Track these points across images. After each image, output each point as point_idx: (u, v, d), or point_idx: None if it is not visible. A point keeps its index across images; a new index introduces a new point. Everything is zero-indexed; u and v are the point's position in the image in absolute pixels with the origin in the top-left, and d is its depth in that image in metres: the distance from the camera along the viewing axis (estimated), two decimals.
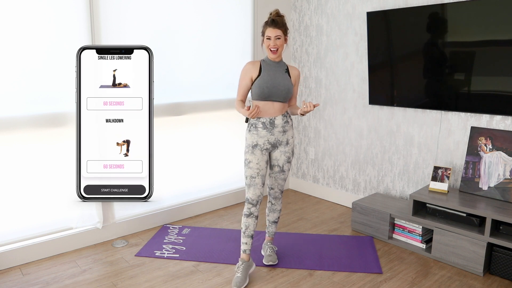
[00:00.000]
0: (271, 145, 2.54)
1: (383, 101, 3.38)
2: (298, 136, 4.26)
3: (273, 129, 2.51)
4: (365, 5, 3.45)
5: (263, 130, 2.51)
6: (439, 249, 2.76)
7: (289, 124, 2.57)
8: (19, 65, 2.61)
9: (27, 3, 2.57)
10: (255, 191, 2.50)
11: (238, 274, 2.51)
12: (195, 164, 3.62)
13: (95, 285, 2.50)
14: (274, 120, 2.51)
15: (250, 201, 2.52)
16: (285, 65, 2.56)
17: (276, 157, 2.60)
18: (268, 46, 2.46)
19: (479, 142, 2.83)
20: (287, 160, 2.61)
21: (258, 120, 2.52)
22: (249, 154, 2.52)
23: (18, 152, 2.69)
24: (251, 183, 2.51)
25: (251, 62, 2.53)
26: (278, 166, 2.61)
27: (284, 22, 2.46)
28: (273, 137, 2.53)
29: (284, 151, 2.59)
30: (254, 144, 2.52)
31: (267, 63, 2.51)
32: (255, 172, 2.50)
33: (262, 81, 2.46)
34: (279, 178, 2.65)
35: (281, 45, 2.46)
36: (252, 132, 2.53)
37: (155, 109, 3.28)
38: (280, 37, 2.43)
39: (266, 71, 2.49)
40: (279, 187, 2.69)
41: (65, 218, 2.95)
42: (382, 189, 3.55)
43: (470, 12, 2.74)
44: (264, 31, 2.46)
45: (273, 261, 2.73)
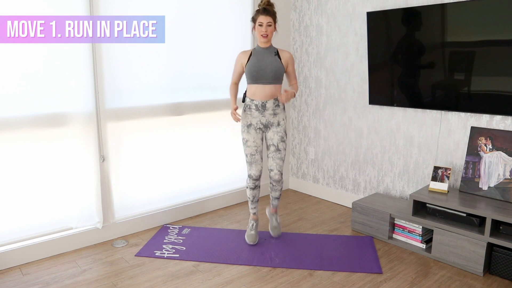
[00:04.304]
0: (263, 125, 2.86)
1: (383, 101, 3.37)
2: (298, 136, 4.26)
3: (264, 111, 2.82)
4: (365, 5, 3.45)
5: (255, 111, 2.83)
6: (439, 249, 2.76)
7: (279, 107, 2.86)
8: (19, 65, 2.61)
9: (27, 3, 2.57)
10: (256, 167, 2.87)
11: (252, 232, 3.03)
12: (195, 164, 3.61)
13: (95, 285, 2.50)
14: (266, 104, 2.81)
15: (254, 177, 2.89)
16: (275, 49, 2.84)
17: (270, 137, 2.89)
18: (259, 32, 2.74)
19: (479, 142, 2.83)
20: (280, 139, 2.87)
21: (252, 102, 2.84)
22: (245, 133, 2.87)
23: (18, 152, 2.69)
24: (252, 160, 2.87)
25: (243, 51, 2.89)
26: (273, 145, 2.88)
27: (274, 11, 2.76)
28: (264, 118, 2.84)
29: (277, 131, 2.87)
30: (249, 124, 2.86)
31: (257, 50, 2.83)
32: (253, 149, 2.86)
33: (250, 65, 2.79)
34: (276, 157, 2.88)
35: (271, 32, 2.77)
36: (246, 112, 2.87)
37: (156, 109, 3.28)
38: (271, 24, 2.74)
39: (255, 57, 2.80)
40: (277, 167, 2.90)
41: (65, 218, 2.95)
42: (382, 189, 3.55)
43: (470, 12, 2.74)
44: (256, 18, 2.74)
45: (279, 233, 3.13)
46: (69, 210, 2.95)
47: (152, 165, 3.33)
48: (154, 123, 3.29)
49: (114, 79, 3.02)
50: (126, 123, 3.14)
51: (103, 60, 2.94)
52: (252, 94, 2.85)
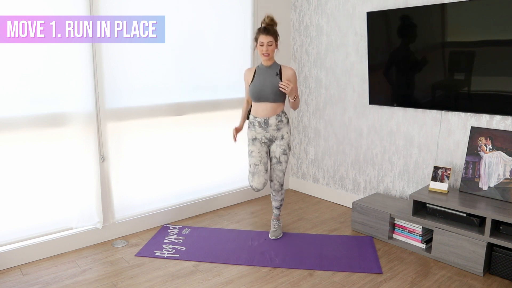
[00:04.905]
0: (267, 139, 2.94)
1: (383, 101, 3.37)
2: (298, 136, 4.26)
3: (267, 128, 2.90)
4: (365, 5, 3.45)
5: (259, 128, 2.92)
6: (439, 249, 2.76)
7: (283, 122, 2.92)
8: (19, 65, 2.61)
9: (27, 3, 2.57)
10: (259, 179, 2.90)
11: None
12: (195, 164, 3.61)
13: (95, 285, 2.50)
14: (268, 120, 2.89)
15: (256, 190, 2.94)
16: (277, 68, 2.88)
17: (273, 149, 2.96)
18: (261, 51, 2.81)
19: (479, 142, 2.83)
20: (282, 152, 2.94)
21: (255, 119, 2.92)
22: (250, 145, 2.96)
23: (18, 152, 2.68)
24: (255, 170, 2.91)
25: (248, 69, 2.99)
26: (275, 157, 2.95)
27: (275, 30, 2.83)
28: (268, 134, 2.92)
29: (280, 144, 2.93)
30: (254, 138, 2.95)
31: (260, 69, 2.90)
32: (257, 160, 2.91)
33: (253, 86, 2.87)
34: (277, 169, 2.96)
35: (272, 51, 2.82)
36: (250, 128, 2.97)
37: (156, 109, 3.28)
38: (272, 44, 2.80)
39: (258, 77, 2.88)
40: (277, 179, 2.98)
41: (65, 218, 2.94)
42: (382, 189, 3.55)
43: (470, 12, 2.74)
44: (257, 38, 2.81)
45: (276, 236, 3.12)
46: (69, 210, 2.95)
47: (152, 165, 3.33)
48: (154, 123, 3.29)
49: (114, 79, 3.02)
50: (126, 123, 3.13)
51: (103, 60, 2.94)
52: (255, 112, 2.94)
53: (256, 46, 2.85)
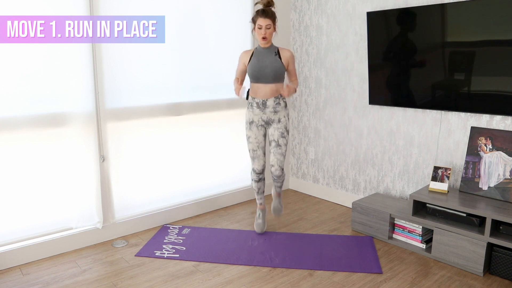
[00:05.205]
0: (264, 122, 2.97)
1: (383, 101, 3.37)
2: (298, 136, 4.26)
3: (265, 109, 2.93)
4: (365, 5, 3.45)
5: (257, 109, 2.95)
6: (439, 249, 2.76)
7: (280, 105, 2.94)
8: (19, 65, 2.61)
9: (27, 3, 2.57)
10: (259, 162, 3.02)
11: (259, 221, 3.21)
12: (195, 164, 3.61)
13: (95, 285, 2.50)
14: (266, 102, 2.91)
15: (257, 171, 3.04)
16: (275, 49, 2.90)
17: (271, 133, 2.99)
18: (259, 35, 2.81)
19: (479, 142, 2.83)
20: (280, 135, 2.96)
21: (253, 100, 2.95)
22: (247, 130, 3.01)
23: (18, 152, 2.68)
24: (254, 155, 3.02)
25: (245, 51, 2.99)
26: (274, 141, 2.98)
27: (273, 12, 2.81)
28: (265, 115, 2.94)
29: (277, 127, 2.96)
30: (251, 121, 2.98)
31: (258, 50, 2.91)
32: (255, 145, 3.00)
33: (251, 65, 2.88)
34: (277, 152, 2.98)
35: (270, 34, 2.82)
36: (249, 109, 2.99)
37: (156, 109, 3.28)
38: (270, 27, 2.79)
39: (256, 57, 2.89)
40: (278, 162, 2.99)
41: (65, 218, 2.94)
42: (382, 189, 3.55)
43: (470, 12, 2.74)
44: (255, 20, 2.80)
45: (279, 214, 3.30)
46: (69, 210, 2.95)
47: (152, 165, 3.33)
48: (154, 123, 3.29)
49: (114, 79, 3.02)
50: (126, 123, 3.13)
51: (103, 60, 2.94)
52: (254, 92, 2.95)
53: (254, 29, 2.85)
